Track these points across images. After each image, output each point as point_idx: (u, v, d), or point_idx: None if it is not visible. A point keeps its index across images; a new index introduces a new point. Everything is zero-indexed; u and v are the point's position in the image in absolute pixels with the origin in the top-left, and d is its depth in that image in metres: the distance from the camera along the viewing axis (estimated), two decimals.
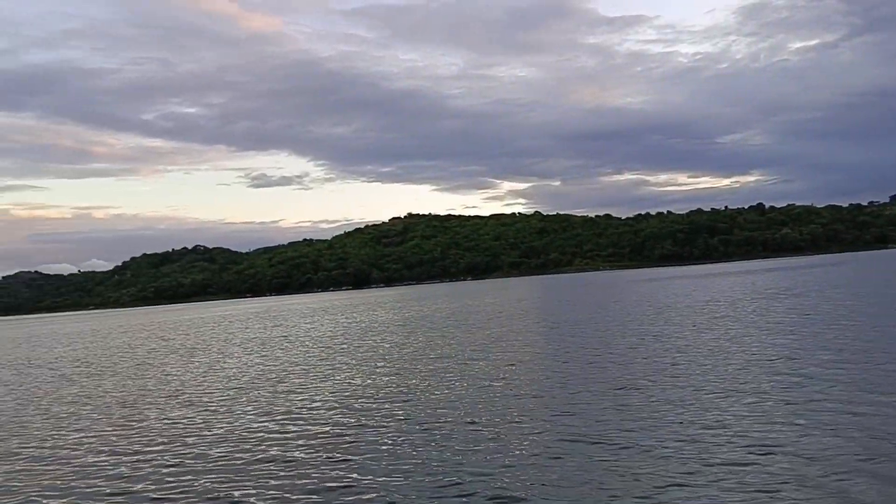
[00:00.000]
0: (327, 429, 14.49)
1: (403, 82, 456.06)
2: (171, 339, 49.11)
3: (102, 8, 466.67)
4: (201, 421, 16.42)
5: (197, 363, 30.44)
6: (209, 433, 15.00)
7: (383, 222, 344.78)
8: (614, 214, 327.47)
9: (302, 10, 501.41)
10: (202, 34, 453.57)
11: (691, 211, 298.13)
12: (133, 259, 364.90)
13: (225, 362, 29.70)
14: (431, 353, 26.62)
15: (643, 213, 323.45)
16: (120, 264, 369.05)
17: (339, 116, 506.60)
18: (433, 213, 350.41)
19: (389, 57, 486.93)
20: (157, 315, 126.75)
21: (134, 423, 16.77)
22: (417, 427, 14.00)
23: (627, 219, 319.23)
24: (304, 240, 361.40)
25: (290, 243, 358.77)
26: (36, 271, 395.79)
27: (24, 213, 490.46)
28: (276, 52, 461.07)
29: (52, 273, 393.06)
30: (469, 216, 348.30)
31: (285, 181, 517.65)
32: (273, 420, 15.86)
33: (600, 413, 13.94)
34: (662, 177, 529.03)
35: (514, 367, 21.10)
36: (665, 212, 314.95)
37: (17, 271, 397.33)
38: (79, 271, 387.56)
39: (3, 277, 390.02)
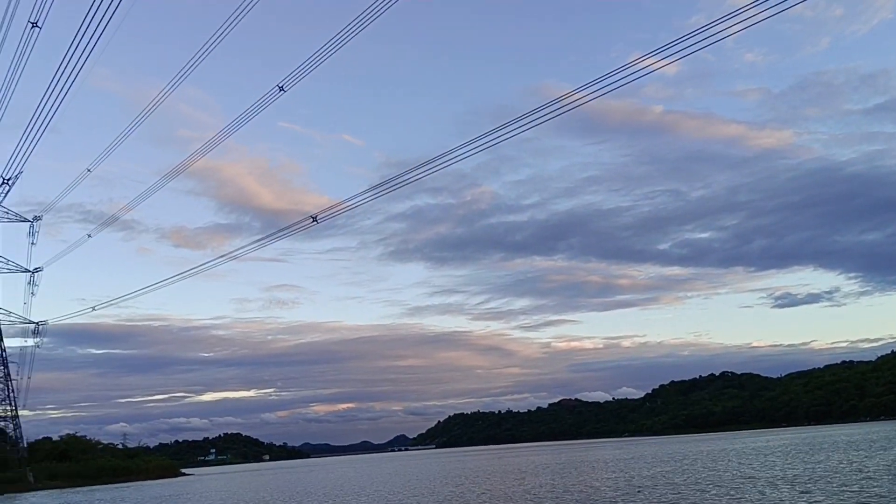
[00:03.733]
0: None
1: None
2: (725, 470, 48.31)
3: (615, 153, 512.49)
4: None
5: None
6: None
7: None
8: None
9: (814, 118, 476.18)
10: (710, 159, 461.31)
11: None
12: (661, 386, 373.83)
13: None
14: None
15: None
16: (650, 392, 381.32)
17: (869, 222, 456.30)
18: None
19: None
20: (693, 444, 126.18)
21: None
22: None
23: None
24: (843, 362, 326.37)
25: (826, 366, 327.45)
26: (576, 399, 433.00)
27: (562, 345, 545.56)
28: (788, 165, 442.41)
29: (589, 401, 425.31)
30: None
31: (812, 298, 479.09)
32: None
33: None
34: None
35: None
36: None
37: (559, 399, 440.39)
38: (613, 399, 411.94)
39: (549, 405, 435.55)
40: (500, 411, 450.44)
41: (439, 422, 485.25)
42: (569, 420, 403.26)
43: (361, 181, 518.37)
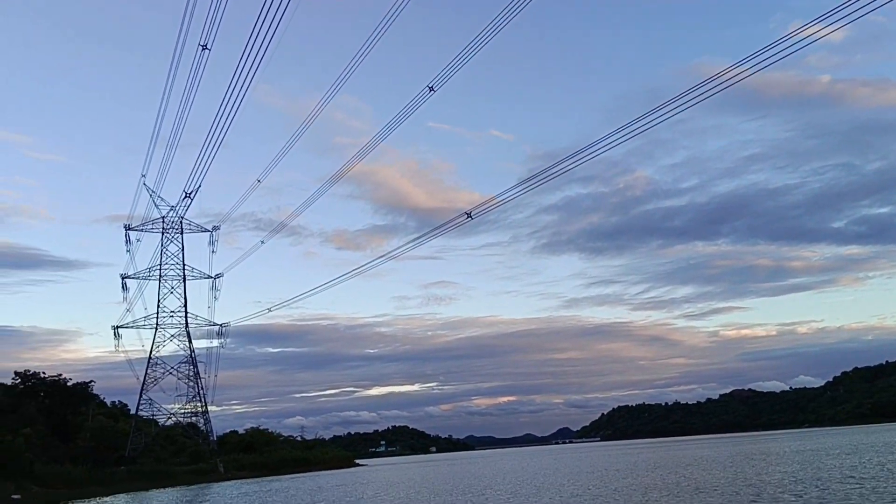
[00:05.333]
0: None
1: None
2: None
3: (779, 129, 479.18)
4: None
5: None
6: None
7: None
8: None
9: None
10: (886, 128, 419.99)
11: None
12: (844, 373, 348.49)
13: None
14: None
15: None
16: (831, 380, 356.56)
17: None
18: None
19: None
20: (882, 434, 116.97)
21: None
22: None
23: None
24: None
25: None
26: (749, 389, 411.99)
27: (732, 333, 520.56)
28: None
29: (764, 391, 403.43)
30: None
31: None
32: None
33: None
34: None
35: None
36: None
37: (731, 389, 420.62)
38: (790, 388, 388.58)
39: (720, 396, 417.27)
40: (666, 403, 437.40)
41: (603, 414, 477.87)
42: (742, 411, 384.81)
43: (511, 175, 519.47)
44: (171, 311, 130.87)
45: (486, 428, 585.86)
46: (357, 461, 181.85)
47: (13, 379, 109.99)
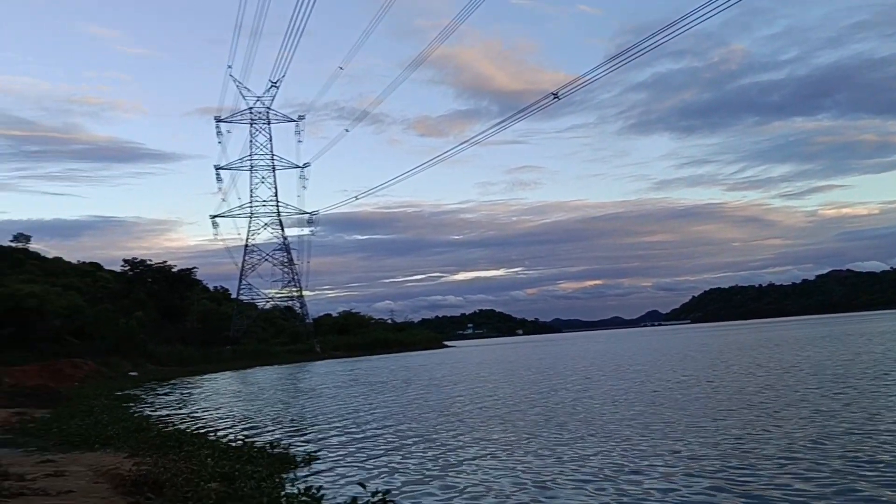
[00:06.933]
0: None
1: None
2: None
3: None
4: None
5: None
6: None
7: None
8: None
9: None
10: None
11: None
12: None
13: None
14: None
15: None
16: None
17: None
18: None
19: None
20: None
21: None
22: None
23: None
24: None
25: None
26: (847, 269, 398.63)
27: (831, 212, 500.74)
28: None
29: (863, 271, 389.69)
30: None
31: None
32: None
33: None
34: None
35: None
36: None
37: (828, 270, 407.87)
38: (891, 268, 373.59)
39: (817, 277, 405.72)
40: (760, 285, 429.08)
41: (693, 297, 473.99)
42: (839, 292, 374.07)
43: (598, 52, 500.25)
44: (264, 201, 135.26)
45: (573, 311, 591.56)
46: (445, 343, 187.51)
47: (122, 266, 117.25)
